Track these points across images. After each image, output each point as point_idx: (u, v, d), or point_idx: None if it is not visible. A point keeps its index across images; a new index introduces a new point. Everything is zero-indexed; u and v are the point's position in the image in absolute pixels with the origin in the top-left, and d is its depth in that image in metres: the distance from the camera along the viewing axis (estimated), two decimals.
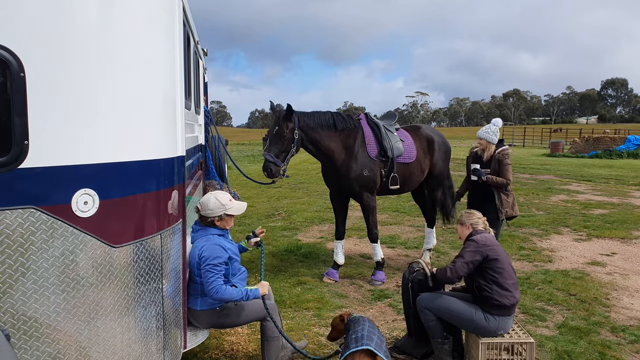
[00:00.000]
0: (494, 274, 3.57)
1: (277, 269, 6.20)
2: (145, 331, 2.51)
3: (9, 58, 1.99)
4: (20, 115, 2.03)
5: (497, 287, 3.54)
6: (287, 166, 5.37)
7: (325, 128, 5.52)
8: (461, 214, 3.97)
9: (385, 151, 5.73)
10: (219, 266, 3.23)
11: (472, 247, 3.61)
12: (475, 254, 3.58)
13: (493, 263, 3.58)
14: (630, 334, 4.34)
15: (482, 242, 3.62)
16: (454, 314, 3.62)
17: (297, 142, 5.32)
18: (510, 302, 3.54)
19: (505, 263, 3.63)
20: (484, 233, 3.74)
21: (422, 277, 3.91)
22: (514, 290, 3.59)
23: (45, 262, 2.14)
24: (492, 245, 3.64)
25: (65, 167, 2.16)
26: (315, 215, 9.85)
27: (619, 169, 19.75)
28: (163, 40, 2.55)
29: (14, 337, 2.09)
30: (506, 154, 5.18)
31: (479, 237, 3.66)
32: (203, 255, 3.23)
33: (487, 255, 3.57)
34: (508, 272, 3.62)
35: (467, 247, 3.64)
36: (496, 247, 3.65)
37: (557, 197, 12.19)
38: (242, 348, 4.07)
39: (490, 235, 3.77)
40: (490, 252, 3.58)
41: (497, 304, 3.52)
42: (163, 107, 2.58)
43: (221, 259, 3.25)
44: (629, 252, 7.06)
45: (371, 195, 5.75)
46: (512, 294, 3.56)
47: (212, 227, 3.40)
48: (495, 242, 3.74)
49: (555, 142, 31.03)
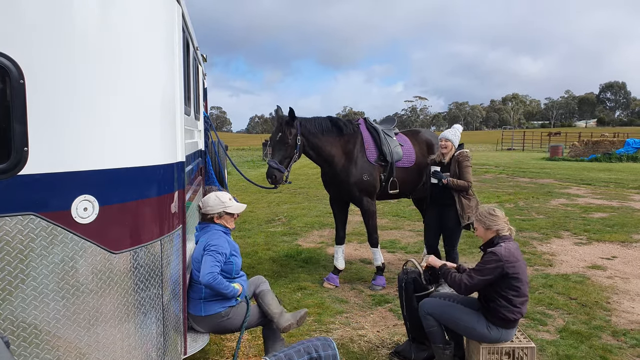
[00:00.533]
0: (508, 290, 3.40)
1: (277, 275, 6.19)
2: (145, 337, 2.51)
3: (8, 65, 1.99)
4: (20, 122, 2.04)
5: (507, 302, 3.40)
6: (289, 172, 5.36)
7: (326, 134, 5.53)
8: (484, 213, 3.59)
9: (384, 156, 5.74)
10: (221, 255, 3.30)
11: (493, 263, 3.36)
12: (495, 270, 3.35)
13: (511, 280, 3.38)
14: (632, 337, 4.33)
15: (506, 258, 3.35)
16: (457, 322, 3.56)
17: (299, 148, 5.33)
18: (516, 317, 3.45)
19: (523, 282, 3.43)
20: (509, 242, 3.47)
21: (416, 275, 3.89)
22: (522, 307, 3.45)
23: (45, 268, 2.14)
24: (515, 262, 3.38)
25: (64, 173, 2.16)
26: (315, 220, 9.84)
27: (619, 173, 19.76)
28: (162, 46, 2.56)
29: (14, 343, 2.09)
30: (465, 156, 5.13)
31: (502, 251, 3.38)
32: (209, 243, 3.32)
33: (507, 273, 3.35)
34: (523, 291, 3.44)
35: (489, 262, 3.38)
36: (518, 264, 3.40)
37: (557, 200, 12.19)
38: (243, 354, 4.06)
39: (514, 245, 3.50)
40: (511, 269, 3.35)
41: (503, 318, 3.44)
42: (163, 113, 2.58)
43: (224, 250, 3.34)
44: (629, 256, 7.05)
45: (371, 200, 5.75)
46: (520, 310, 3.44)
47: (214, 224, 3.49)
48: (519, 255, 3.47)
49: (555, 146, 31.06)
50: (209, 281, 3.18)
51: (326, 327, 4.57)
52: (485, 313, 3.52)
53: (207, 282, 3.19)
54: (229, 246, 3.43)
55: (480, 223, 3.59)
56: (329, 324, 4.66)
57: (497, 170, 21.42)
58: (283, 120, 5.29)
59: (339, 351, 4.08)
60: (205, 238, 3.41)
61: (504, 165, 24.36)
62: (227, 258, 3.37)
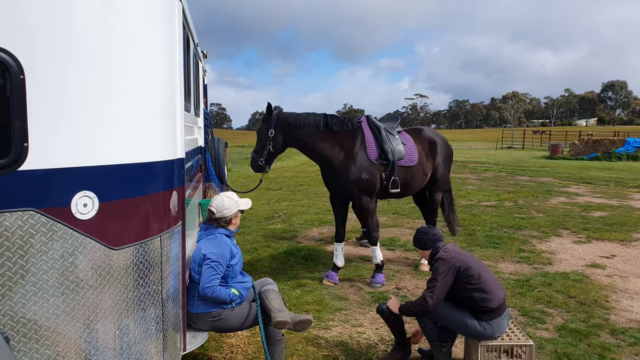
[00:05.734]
0: (471, 282, 3.51)
1: (276, 272, 6.20)
2: (144, 333, 2.51)
3: (8, 60, 1.99)
4: (20, 117, 2.03)
5: (479, 292, 3.49)
6: (265, 162, 5.71)
7: (314, 128, 5.53)
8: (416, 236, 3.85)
9: (385, 154, 5.70)
10: (221, 266, 3.30)
11: (443, 267, 3.52)
12: (448, 272, 3.50)
13: (466, 272, 3.51)
14: (630, 336, 4.34)
15: (449, 257, 3.55)
16: (450, 321, 3.60)
17: (272, 140, 5.56)
18: (497, 303, 3.50)
19: (477, 268, 3.57)
20: (445, 246, 3.67)
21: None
22: (496, 290, 3.53)
23: (44, 264, 2.14)
24: (459, 255, 3.58)
25: (64, 169, 2.16)
26: (315, 217, 9.84)
27: (619, 171, 19.76)
28: (163, 42, 2.56)
29: (13, 339, 2.09)
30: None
31: (443, 254, 3.59)
32: (210, 251, 3.31)
33: (459, 268, 3.52)
34: (483, 275, 3.55)
35: (439, 268, 3.55)
36: (462, 256, 3.59)
37: (556, 199, 12.19)
38: (242, 350, 4.07)
39: (451, 244, 3.71)
40: (459, 263, 3.52)
41: (486, 309, 3.49)
42: (163, 109, 2.58)
43: (225, 259, 3.33)
44: (628, 255, 7.06)
45: (370, 199, 5.71)
46: (495, 295, 3.51)
47: (222, 227, 3.50)
48: (458, 249, 3.68)
49: (555, 145, 31.04)
50: (207, 294, 3.22)
51: (325, 324, 4.57)
52: (472, 313, 3.56)
53: (204, 295, 3.23)
54: (230, 252, 3.41)
55: (417, 247, 3.85)
56: (328, 321, 4.66)
57: (497, 168, 21.43)
58: (267, 116, 5.65)
59: (338, 348, 4.09)
60: (207, 244, 3.38)
61: (503, 163, 24.36)
62: (227, 263, 3.37)
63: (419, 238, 3.82)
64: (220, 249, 3.34)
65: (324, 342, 4.20)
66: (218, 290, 3.24)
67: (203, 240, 3.44)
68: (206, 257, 3.28)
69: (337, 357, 3.97)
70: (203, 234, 3.52)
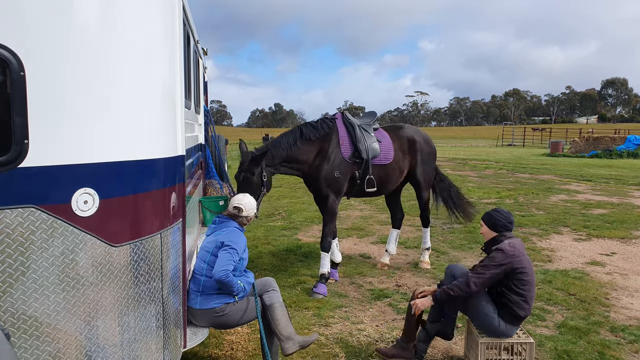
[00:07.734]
0: (519, 285, 3.45)
1: (277, 269, 6.21)
2: (145, 330, 2.52)
3: (8, 57, 1.99)
4: (20, 114, 2.03)
5: (519, 297, 3.46)
6: (259, 206, 5.00)
7: (296, 146, 5.26)
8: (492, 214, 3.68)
9: (359, 153, 5.46)
10: (237, 255, 3.39)
11: (499, 259, 3.44)
12: (502, 265, 3.41)
13: (520, 275, 3.44)
14: (630, 333, 4.34)
15: (511, 253, 3.43)
16: (475, 306, 3.56)
17: (266, 183, 5.04)
18: (526, 314, 3.51)
19: (530, 275, 3.49)
20: (513, 239, 3.55)
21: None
22: (532, 304, 3.53)
23: (45, 261, 2.14)
24: (520, 255, 3.46)
25: (65, 166, 2.16)
26: (315, 214, 9.84)
27: (619, 169, 19.75)
28: (163, 39, 2.55)
29: (14, 336, 2.09)
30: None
31: (507, 247, 3.47)
32: (229, 239, 3.41)
33: (515, 268, 3.43)
34: (532, 284, 3.50)
35: (496, 258, 3.45)
36: (523, 257, 3.48)
37: (557, 196, 12.19)
38: (242, 347, 4.08)
39: (518, 240, 3.59)
40: (518, 263, 3.43)
41: (514, 314, 3.48)
42: (163, 106, 2.58)
43: (241, 249, 3.45)
44: (628, 252, 7.06)
45: (336, 200, 5.48)
46: (530, 306, 3.51)
47: (238, 223, 3.64)
48: (523, 249, 3.57)
49: (555, 142, 31.03)
50: (221, 277, 3.24)
51: (325, 322, 4.58)
52: (497, 308, 3.55)
53: (219, 278, 3.24)
54: (244, 245, 3.55)
55: (486, 223, 3.68)
56: (328, 317, 4.67)
57: (498, 166, 21.42)
58: (246, 159, 4.93)
59: (337, 345, 4.10)
60: (225, 234, 3.48)
61: (504, 161, 24.35)
62: (241, 254, 3.47)
63: (494, 217, 3.64)
64: (239, 239, 3.47)
65: (324, 339, 4.20)
66: (231, 276, 3.29)
67: (218, 232, 3.54)
68: (224, 243, 3.38)
69: (337, 354, 3.97)
70: (217, 226, 3.60)
